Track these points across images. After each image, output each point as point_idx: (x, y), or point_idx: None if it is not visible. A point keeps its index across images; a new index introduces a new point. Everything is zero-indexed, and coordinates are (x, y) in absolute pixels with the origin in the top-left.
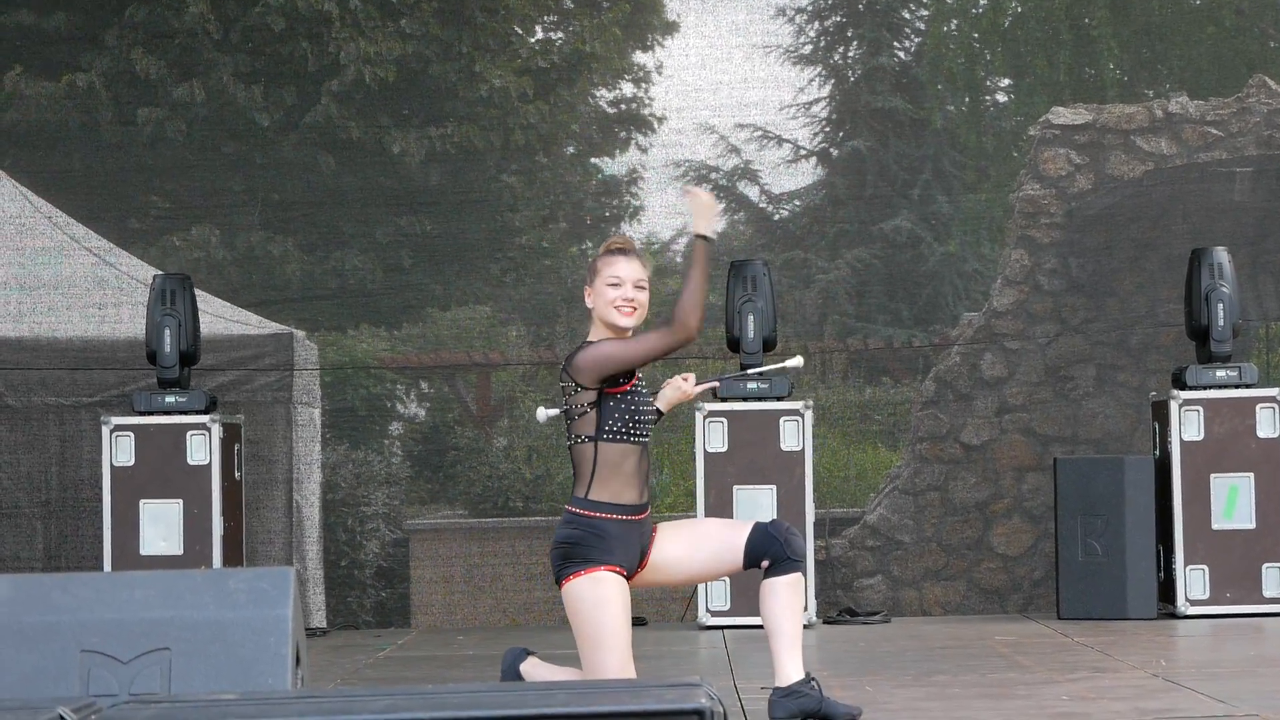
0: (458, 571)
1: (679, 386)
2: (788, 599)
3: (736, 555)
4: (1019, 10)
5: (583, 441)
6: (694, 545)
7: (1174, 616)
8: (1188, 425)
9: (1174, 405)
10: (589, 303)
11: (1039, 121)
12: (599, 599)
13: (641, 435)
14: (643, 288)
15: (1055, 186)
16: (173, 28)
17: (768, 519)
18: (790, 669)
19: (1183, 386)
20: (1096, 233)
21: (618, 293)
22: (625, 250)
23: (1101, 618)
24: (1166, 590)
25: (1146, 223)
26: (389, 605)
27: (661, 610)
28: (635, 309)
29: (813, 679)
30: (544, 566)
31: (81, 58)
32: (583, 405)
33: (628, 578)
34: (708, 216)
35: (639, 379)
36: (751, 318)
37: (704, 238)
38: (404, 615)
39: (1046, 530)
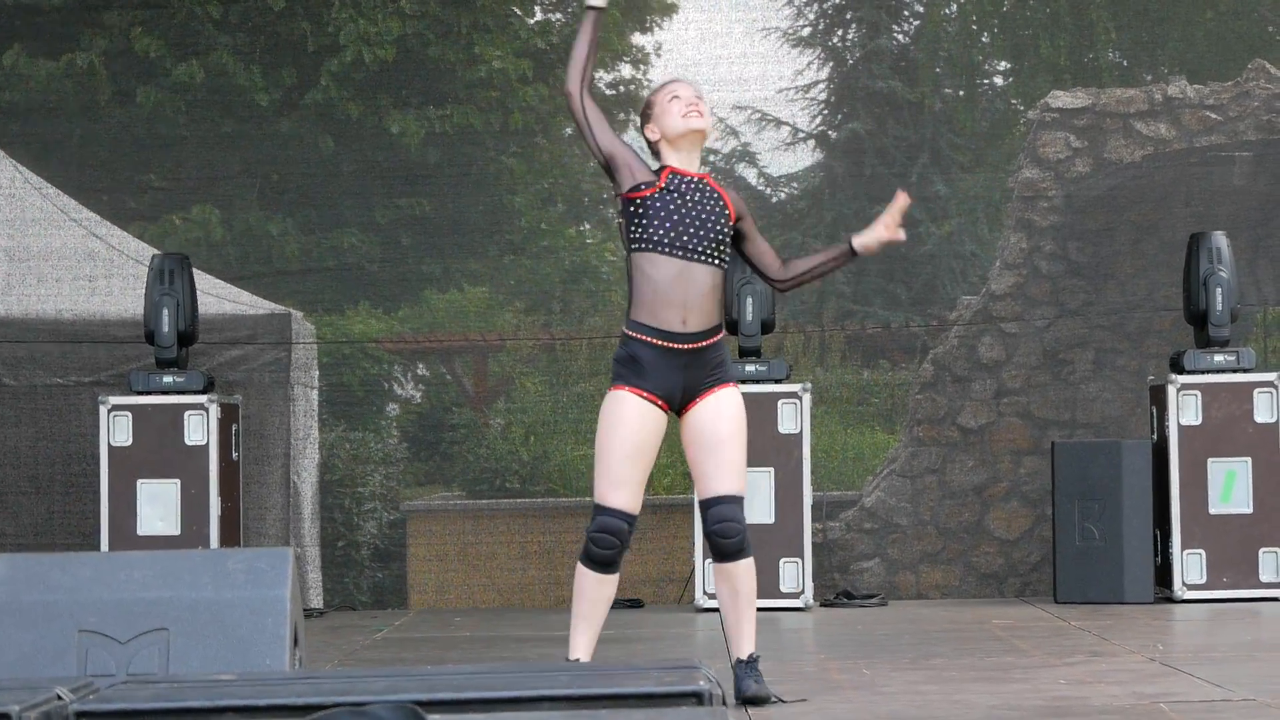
0: (451, 549)
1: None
2: (725, 589)
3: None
4: None
5: (626, 257)
6: (700, 452)
7: (1171, 601)
8: (1185, 409)
9: (1172, 390)
10: (652, 136)
11: (1037, 105)
12: (610, 416)
13: (681, 248)
14: (701, 99)
15: (1054, 170)
16: (172, 7)
17: (727, 496)
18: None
19: (1181, 371)
20: (1095, 216)
21: (680, 103)
22: (678, 78)
23: (1098, 602)
24: (1163, 574)
25: (1145, 207)
26: (385, 586)
27: (658, 592)
28: (702, 111)
29: (747, 660)
30: (539, 545)
31: (81, 36)
32: (617, 216)
33: (666, 406)
34: None
35: (664, 185)
36: (750, 300)
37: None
38: (400, 596)
39: (1044, 514)
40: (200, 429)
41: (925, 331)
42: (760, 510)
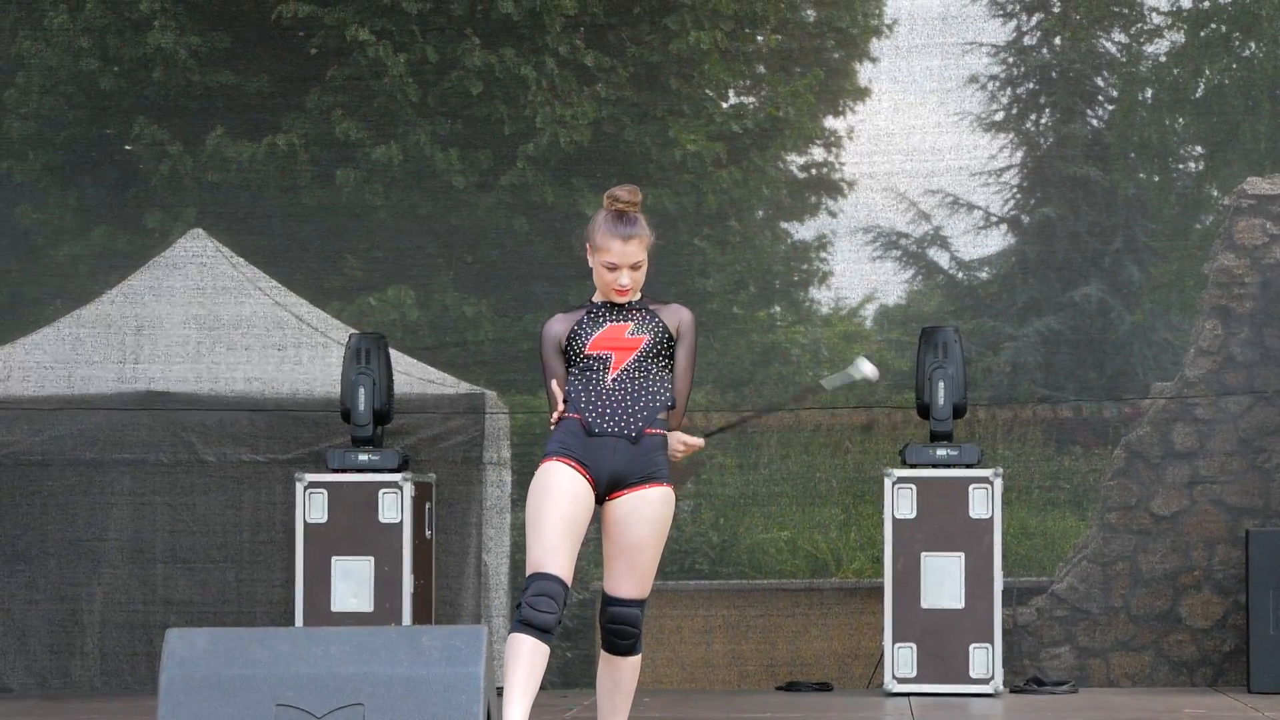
0: None
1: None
2: (608, 681)
3: None
4: (1215, 80)
5: None
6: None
7: None
8: None
9: None
10: (590, 263)
11: (1234, 191)
12: None
13: None
14: (638, 268)
15: (1250, 256)
16: (371, 90)
17: (627, 598)
18: None
19: None
20: None
21: (613, 277)
22: (623, 226)
23: None
24: None
25: None
26: (574, 665)
27: (846, 675)
28: (629, 290)
29: None
30: (723, 619)
31: (282, 119)
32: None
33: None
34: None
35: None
36: (942, 384)
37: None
38: (589, 675)
39: (1237, 602)
40: (395, 507)
41: (1118, 417)
42: (950, 595)
